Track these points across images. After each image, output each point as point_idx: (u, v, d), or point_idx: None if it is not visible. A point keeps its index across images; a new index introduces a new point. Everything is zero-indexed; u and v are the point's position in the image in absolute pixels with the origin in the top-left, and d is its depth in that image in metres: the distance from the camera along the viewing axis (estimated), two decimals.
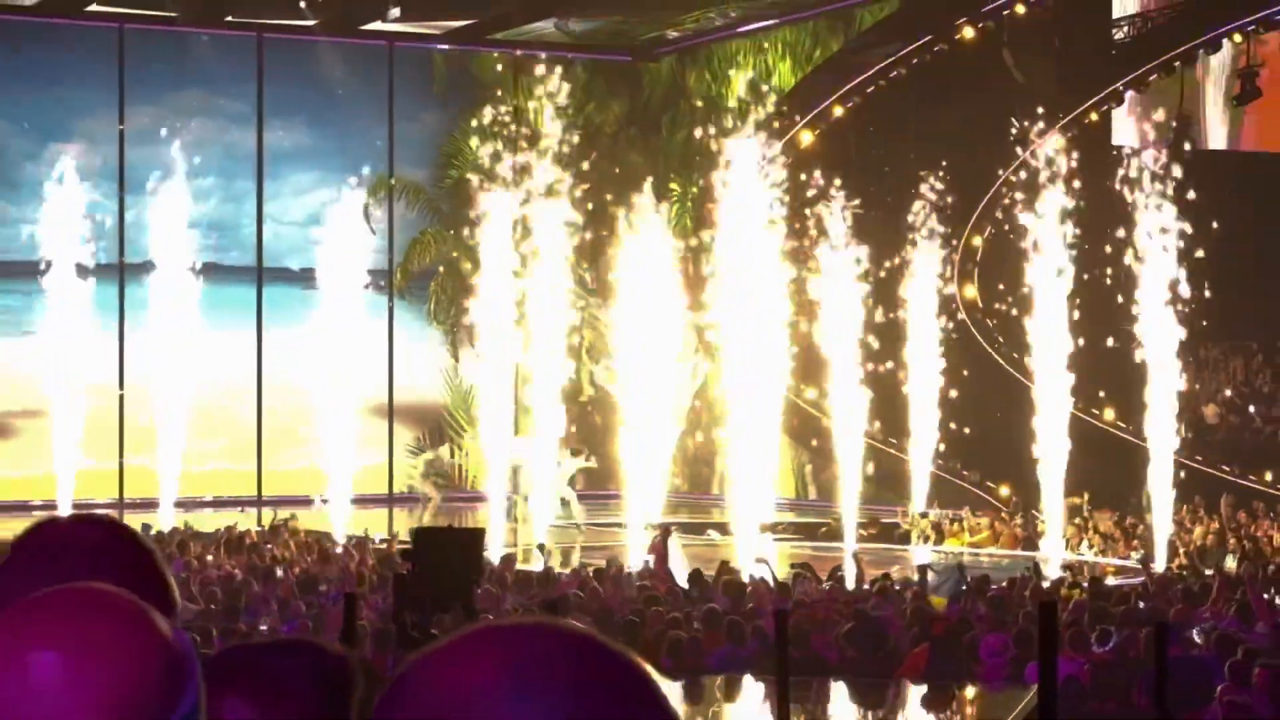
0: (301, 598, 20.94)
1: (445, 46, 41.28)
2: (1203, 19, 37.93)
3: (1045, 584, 23.68)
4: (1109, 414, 35.33)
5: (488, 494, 33.02)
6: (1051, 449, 31.91)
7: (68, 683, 1.80)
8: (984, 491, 36.49)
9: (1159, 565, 28.88)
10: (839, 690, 15.87)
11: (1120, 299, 32.20)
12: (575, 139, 35.63)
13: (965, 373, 35.95)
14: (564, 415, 33.97)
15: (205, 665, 2.05)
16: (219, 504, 35.46)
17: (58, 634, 1.83)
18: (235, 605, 19.90)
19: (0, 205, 36.24)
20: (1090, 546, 31.77)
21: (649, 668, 1.55)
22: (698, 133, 36.77)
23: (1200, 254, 31.79)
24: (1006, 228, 35.92)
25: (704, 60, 42.60)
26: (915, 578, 23.95)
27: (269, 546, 28.28)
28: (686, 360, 36.71)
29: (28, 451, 35.08)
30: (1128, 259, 31.86)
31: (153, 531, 30.21)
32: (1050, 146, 33.69)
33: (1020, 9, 36.20)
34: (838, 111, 39.09)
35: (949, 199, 35.82)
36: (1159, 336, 31.24)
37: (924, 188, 35.25)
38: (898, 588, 22.46)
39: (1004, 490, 35.69)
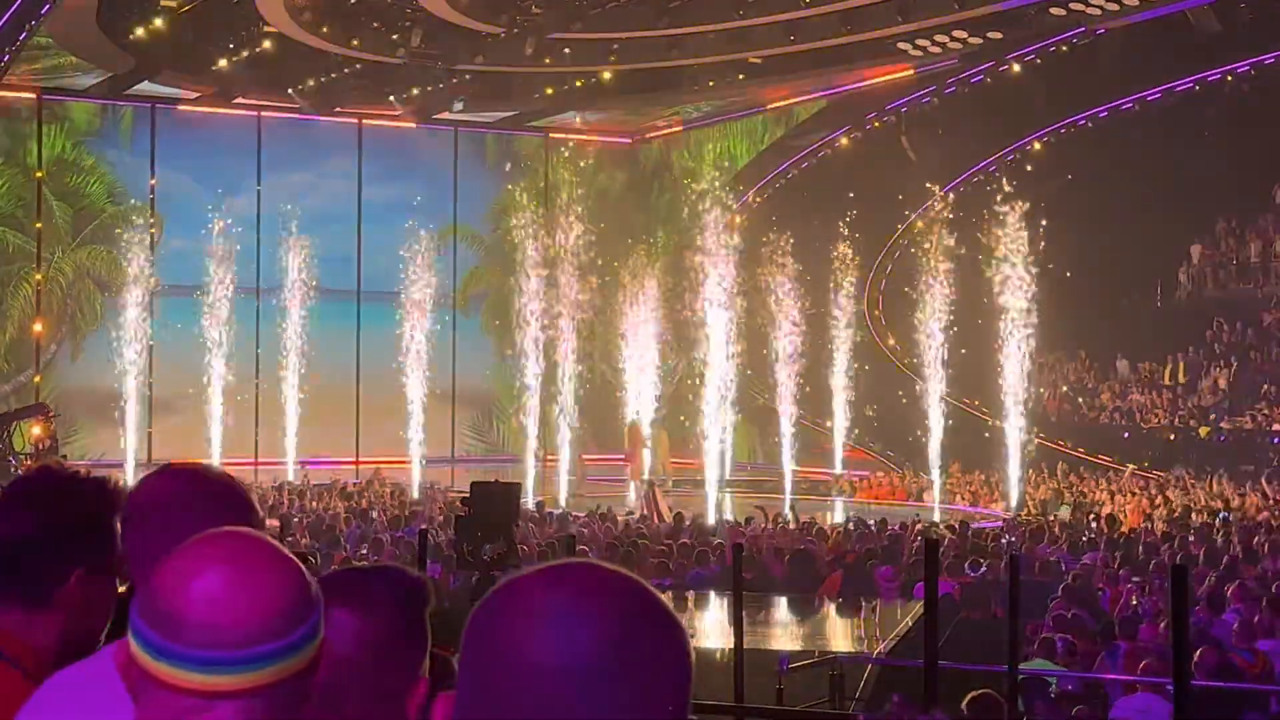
0: (388, 532, 20.93)
1: (495, 130, 41.29)
2: (1045, 115, 37.92)
3: (929, 526, 23.70)
4: (975, 401, 35.33)
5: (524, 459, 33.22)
6: (933, 428, 31.91)
7: (240, 592, 1.83)
8: (884, 458, 36.45)
9: (1012, 513, 28.90)
10: (778, 601, 15.86)
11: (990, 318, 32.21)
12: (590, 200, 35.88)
13: (871, 371, 35.96)
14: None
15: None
16: (327, 462, 35.40)
17: (232, 558, 1.86)
18: (338, 538, 19.89)
19: (183, 240, 35.91)
20: (961, 499, 31.77)
21: (659, 593, 1.56)
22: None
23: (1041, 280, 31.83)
24: (909, 252, 35.90)
25: (683, 143, 42.60)
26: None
27: (364, 495, 28.28)
28: (669, 361, 36.75)
29: (187, 422, 34.98)
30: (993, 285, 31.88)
31: (280, 482, 30.28)
32: (935, 206, 33.80)
33: (915, 107, 36.22)
34: (780, 182, 39.20)
35: (860, 244, 35.85)
36: (1012, 346, 31.23)
37: (843, 234, 35.22)
38: (818, 528, 22.48)
39: (899, 457, 35.69)
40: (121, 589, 2.70)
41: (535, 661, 1.48)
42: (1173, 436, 35.48)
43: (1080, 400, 38.55)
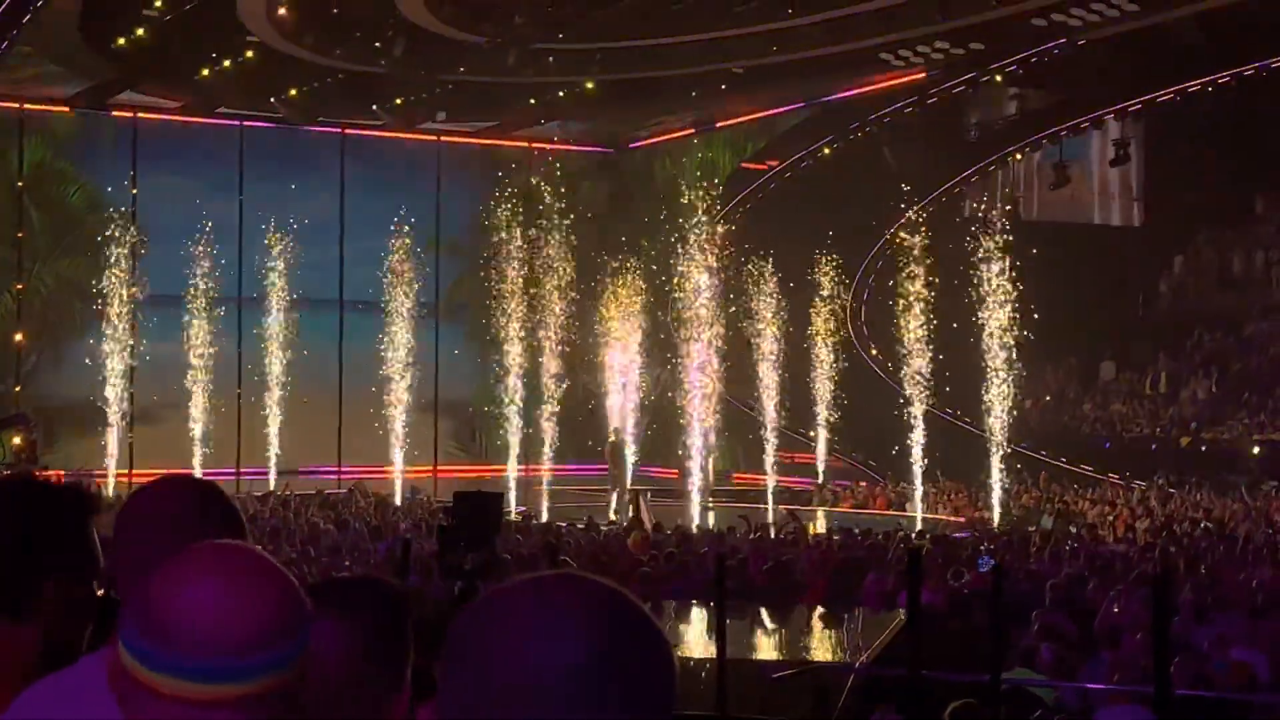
0: (370, 543, 20.89)
1: (478, 140, 41.27)
2: (1028, 126, 38.05)
3: (910, 536, 23.72)
4: (957, 411, 35.37)
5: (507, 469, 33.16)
6: (916, 437, 31.94)
7: (234, 602, 1.83)
8: (867, 468, 36.46)
9: (994, 523, 28.93)
10: (760, 611, 15.84)
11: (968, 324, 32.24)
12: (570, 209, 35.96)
13: (853, 381, 35.94)
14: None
15: None
16: (309, 473, 35.31)
17: (226, 569, 1.86)
18: (321, 549, 19.83)
19: (165, 250, 35.54)
20: (943, 509, 31.80)
21: (647, 610, 1.57)
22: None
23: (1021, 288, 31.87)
24: (893, 258, 35.94)
25: (665, 152, 42.62)
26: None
27: (347, 505, 28.21)
28: (652, 370, 36.71)
29: (169, 432, 34.84)
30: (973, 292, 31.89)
31: (263, 492, 30.22)
32: (918, 216, 33.87)
33: (898, 118, 36.29)
34: (763, 192, 39.27)
35: (843, 254, 35.84)
36: (995, 354, 31.25)
37: (826, 244, 35.17)
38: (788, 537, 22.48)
39: (881, 467, 35.70)
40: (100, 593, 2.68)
41: (519, 674, 1.48)
42: (1154, 446, 35.59)
43: (1062, 410, 38.66)
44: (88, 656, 2.37)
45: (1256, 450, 33.47)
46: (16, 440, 30.28)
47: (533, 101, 36.82)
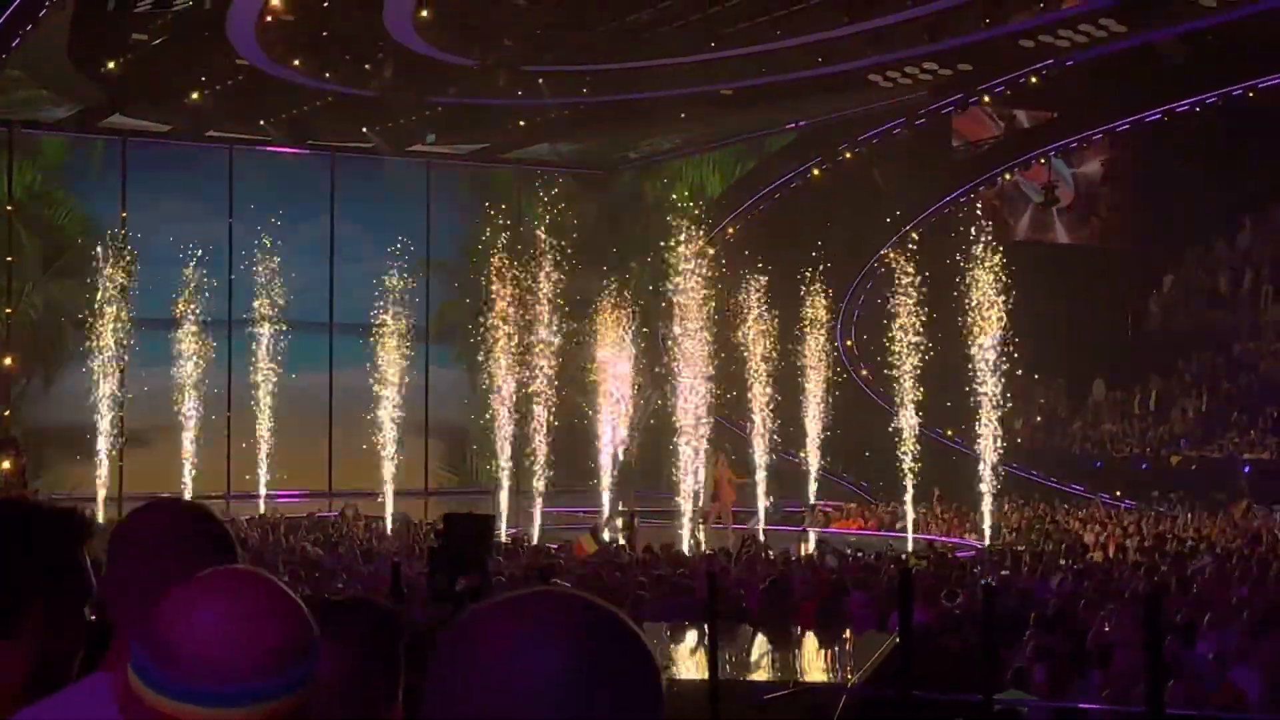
0: (362, 565, 20.86)
1: (468, 162, 41.31)
2: (1016, 147, 38.13)
3: (902, 556, 23.70)
4: (949, 431, 35.34)
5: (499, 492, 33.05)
6: (907, 457, 31.88)
7: (245, 627, 1.84)
8: (858, 488, 36.42)
9: (985, 542, 28.89)
10: (752, 632, 15.80)
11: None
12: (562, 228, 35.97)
13: (844, 401, 35.89)
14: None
15: None
16: (301, 495, 35.24)
17: (238, 594, 1.88)
18: (313, 570, 19.80)
19: (155, 273, 35.39)
20: (934, 529, 31.74)
21: (630, 621, 1.57)
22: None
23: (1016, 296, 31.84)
24: (883, 279, 35.92)
25: (656, 173, 42.67)
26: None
27: (337, 527, 28.14)
28: (644, 391, 36.66)
29: (160, 455, 34.73)
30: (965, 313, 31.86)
31: (253, 516, 30.13)
32: (906, 237, 33.89)
33: (886, 139, 36.36)
34: (753, 213, 39.32)
35: (833, 275, 35.81)
36: (985, 376, 31.21)
37: (816, 265, 35.10)
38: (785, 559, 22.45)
39: (872, 487, 35.66)
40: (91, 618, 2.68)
41: (506, 682, 1.49)
42: (1144, 465, 35.59)
43: (1053, 429, 38.66)
44: (85, 679, 2.37)
45: (1247, 470, 33.50)
46: (6, 464, 30.21)
47: (522, 123, 36.86)
